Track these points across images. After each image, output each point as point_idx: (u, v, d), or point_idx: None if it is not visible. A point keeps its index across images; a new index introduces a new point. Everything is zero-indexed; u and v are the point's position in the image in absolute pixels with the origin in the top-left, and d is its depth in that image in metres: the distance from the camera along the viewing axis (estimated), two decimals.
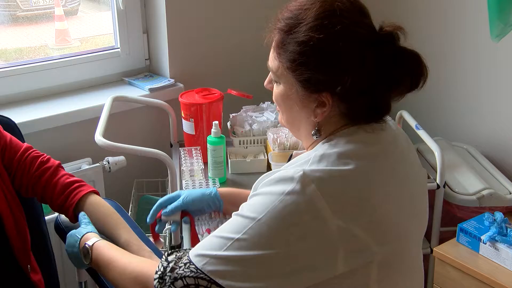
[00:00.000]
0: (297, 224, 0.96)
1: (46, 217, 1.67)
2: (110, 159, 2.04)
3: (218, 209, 1.43)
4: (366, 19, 1.06)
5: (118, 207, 1.52)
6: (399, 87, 1.06)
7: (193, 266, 1.00)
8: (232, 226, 1.01)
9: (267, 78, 1.15)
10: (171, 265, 1.04)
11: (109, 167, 2.03)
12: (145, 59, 2.33)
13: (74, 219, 1.41)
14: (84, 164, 2.00)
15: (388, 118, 1.14)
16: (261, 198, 1.00)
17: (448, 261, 1.82)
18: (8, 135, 1.45)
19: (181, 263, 1.03)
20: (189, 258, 1.02)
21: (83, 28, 2.39)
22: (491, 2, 1.76)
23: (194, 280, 0.99)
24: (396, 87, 1.05)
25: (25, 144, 1.47)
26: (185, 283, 1.00)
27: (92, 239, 1.26)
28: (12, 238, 1.37)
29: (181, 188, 1.86)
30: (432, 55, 2.55)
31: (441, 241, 1.95)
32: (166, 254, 1.09)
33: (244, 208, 1.02)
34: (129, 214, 1.66)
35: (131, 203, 2.14)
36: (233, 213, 1.04)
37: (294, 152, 1.28)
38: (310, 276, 0.99)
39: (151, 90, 2.18)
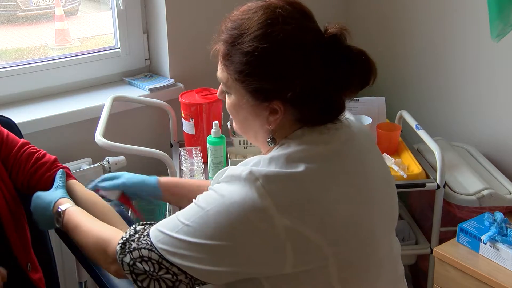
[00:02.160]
0: (242, 221, 0.98)
1: None
2: (110, 159, 2.04)
3: (157, 197, 1.46)
4: (310, 22, 1.06)
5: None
6: (349, 86, 1.06)
7: (149, 240, 1.06)
8: (186, 211, 1.05)
9: (219, 89, 1.15)
10: (136, 235, 1.09)
11: (109, 167, 2.03)
12: (145, 59, 2.33)
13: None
14: (84, 164, 2.00)
15: (349, 117, 1.16)
16: (213, 192, 1.04)
17: (448, 261, 1.82)
18: (5, 131, 1.45)
19: (143, 235, 1.08)
20: (149, 231, 1.07)
21: (83, 28, 2.39)
22: (491, 2, 1.76)
23: (148, 252, 1.05)
24: (346, 86, 1.06)
25: (22, 140, 1.47)
26: (140, 254, 1.06)
27: (66, 204, 1.30)
28: (10, 236, 1.37)
29: None
30: (432, 55, 2.58)
31: (441, 241, 1.95)
32: (136, 224, 1.13)
33: (200, 198, 1.06)
34: (129, 214, 1.66)
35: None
36: (193, 200, 1.07)
37: None
38: (256, 270, 1.02)
39: (151, 90, 2.18)
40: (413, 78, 2.53)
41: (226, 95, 1.12)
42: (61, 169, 1.43)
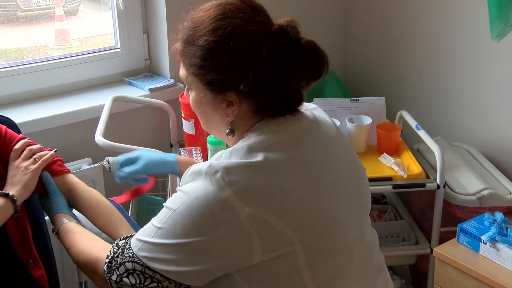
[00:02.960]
0: (207, 214, 1.01)
1: (46, 217, 1.67)
2: (110, 159, 2.03)
3: (176, 174, 1.52)
4: (258, 16, 1.09)
5: (119, 207, 1.52)
6: (300, 77, 1.09)
7: (131, 251, 1.09)
8: (158, 215, 1.09)
9: (185, 89, 1.19)
10: (120, 250, 1.11)
11: (109, 167, 2.02)
12: (145, 59, 2.33)
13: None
14: (84, 164, 2.00)
15: (310, 107, 1.19)
16: (179, 192, 1.07)
17: (448, 261, 1.82)
18: (4, 127, 1.45)
19: (125, 248, 1.11)
20: (130, 243, 1.10)
21: (83, 28, 2.39)
22: (491, 2, 1.76)
23: (132, 264, 1.08)
24: (297, 76, 1.08)
25: (19, 135, 1.47)
26: (125, 268, 1.09)
27: (56, 224, 1.35)
28: (11, 233, 1.37)
29: None
30: (432, 55, 2.58)
31: (441, 241, 1.95)
32: (119, 239, 1.16)
33: (168, 200, 1.09)
34: (129, 214, 1.67)
35: (131, 203, 2.14)
36: (163, 204, 1.11)
37: None
38: (229, 263, 1.04)
39: (151, 90, 2.18)
40: (413, 78, 2.53)
41: (189, 92, 1.16)
42: (44, 173, 1.43)
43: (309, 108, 1.20)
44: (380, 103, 2.21)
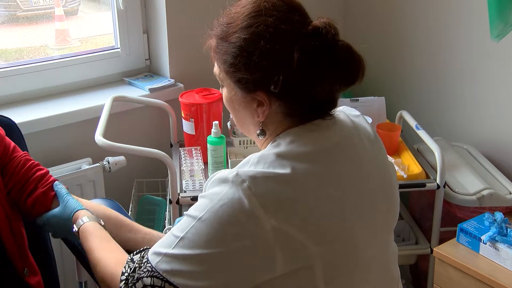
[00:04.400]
0: (232, 224, 0.98)
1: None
2: (110, 159, 2.04)
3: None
4: (294, 15, 1.06)
5: (118, 207, 1.52)
6: (332, 81, 1.05)
7: (149, 265, 1.03)
8: (180, 225, 1.04)
9: (220, 86, 1.17)
10: (136, 265, 1.06)
11: (109, 167, 2.03)
12: (145, 59, 2.33)
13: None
14: (84, 164, 2.00)
15: (352, 113, 1.16)
16: (203, 199, 1.03)
17: (448, 261, 1.82)
18: (12, 144, 1.43)
19: (142, 263, 1.06)
20: (147, 256, 1.05)
21: (83, 28, 2.39)
22: (491, 2, 1.76)
23: (150, 279, 1.02)
24: (329, 81, 1.05)
25: (23, 152, 1.45)
26: (143, 284, 1.03)
27: (78, 221, 1.29)
28: (6, 242, 1.35)
29: (181, 189, 1.87)
30: (432, 55, 2.58)
31: (441, 241, 1.95)
32: (132, 254, 1.11)
33: (190, 208, 1.05)
34: (129, 214, 1.66)
35: (131, 203, 2.14)
36: (184, 212, 1.07)
37: None
38: (252, 276, 1.01)
39: (151, 90, 2.18)
40: (413, 78, 2.53)
41: (223, 88, 1.14)
42: (56, 182, 1.40)
43: (350, 114, 1.17)
44: (380, 103, 2.21)
